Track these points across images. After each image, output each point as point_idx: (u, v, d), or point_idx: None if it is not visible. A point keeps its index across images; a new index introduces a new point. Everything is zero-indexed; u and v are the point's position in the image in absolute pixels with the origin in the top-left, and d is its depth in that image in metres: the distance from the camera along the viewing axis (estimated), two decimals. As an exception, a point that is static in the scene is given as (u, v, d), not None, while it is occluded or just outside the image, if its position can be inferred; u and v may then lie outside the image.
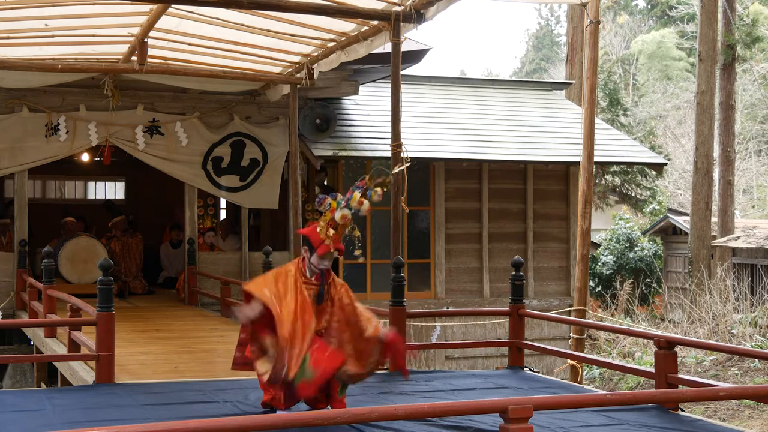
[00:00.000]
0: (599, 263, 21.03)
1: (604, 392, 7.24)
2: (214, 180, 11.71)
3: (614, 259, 21.05)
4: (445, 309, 12.07)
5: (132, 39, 8.83)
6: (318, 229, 5.17)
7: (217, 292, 10.86)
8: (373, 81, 12.72)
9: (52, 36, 8.72)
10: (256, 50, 9.35)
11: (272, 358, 5.00)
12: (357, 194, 5.18)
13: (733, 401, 10.41)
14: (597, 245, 21.72)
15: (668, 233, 21.41)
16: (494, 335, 12.37)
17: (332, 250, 5.12)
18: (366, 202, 5.19)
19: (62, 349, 7.42)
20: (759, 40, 20.93)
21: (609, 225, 23.25)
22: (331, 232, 5.15)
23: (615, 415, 5.17)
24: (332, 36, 8.64)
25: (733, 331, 13.95)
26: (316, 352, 4.94)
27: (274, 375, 4.95)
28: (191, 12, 8.01)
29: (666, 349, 5.69)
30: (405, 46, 8.95)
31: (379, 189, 5.23)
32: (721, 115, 18.84)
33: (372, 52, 8.46)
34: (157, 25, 8.25)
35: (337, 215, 5.14)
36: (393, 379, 6.45)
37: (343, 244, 5.21)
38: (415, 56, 11.50)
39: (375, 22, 7.86)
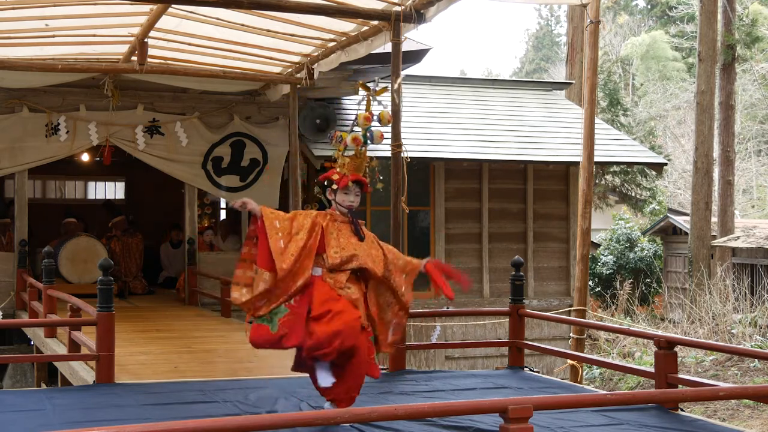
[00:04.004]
0: (599, 263, 21.02)
1: (604, 392, 7.23)
2: (214, 180, 11.71)
3: (614, 259, 21.04)
4: (445, 309, 12.05)
5: (132, 39, 8.82)
6: (336, 166, 5.13)
7: (217, 292, 10.86)
8: (373, 81, 12.68)
9: (53, 36, 8.71)
10: (256, 50, 9.34)
11: (252, 289, 4.93)
12: (361, 114, 5.17)
13: (732, 401, 10.42)
14: (597, 245, 21.72)
15: (668, 233, 21.40)
16: (494, 335, 12.37)
17: (352, 182, 5.02)
18: (377, 126, 5.19)
19: (62, 349, 7.42)
20: (759, 40, 20.94)
21: (609, 225, 23.25)
22: (347, 160, 5.08)
23: (615, 415, 5.17)
24: (332, 36, 8.63)
25: (732, 331, 13.95)
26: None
27: (250, 304, 4.91)
28: (191, 12, 8.00)
29: (666, 349, 5.69)
30: (405, 46, 8.92)
31: (382, 103, 5.29)
32: (720, 115, 18.84)
33: (372, 52, 8.45)
34: (157, 25, 8.24)
35: (348, 139, 5.11)
36: (393, 379, 6.46)
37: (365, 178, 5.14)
38: (415, 56, 11.49)
39: (375, 22, 7.85)
